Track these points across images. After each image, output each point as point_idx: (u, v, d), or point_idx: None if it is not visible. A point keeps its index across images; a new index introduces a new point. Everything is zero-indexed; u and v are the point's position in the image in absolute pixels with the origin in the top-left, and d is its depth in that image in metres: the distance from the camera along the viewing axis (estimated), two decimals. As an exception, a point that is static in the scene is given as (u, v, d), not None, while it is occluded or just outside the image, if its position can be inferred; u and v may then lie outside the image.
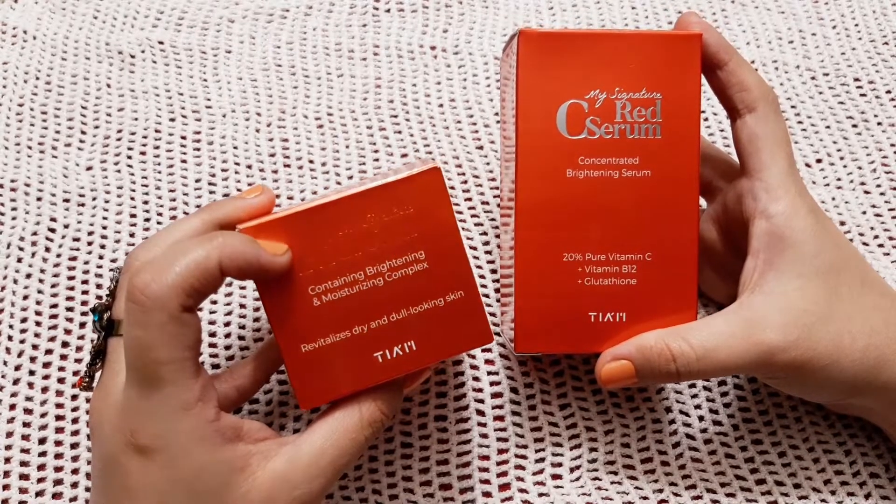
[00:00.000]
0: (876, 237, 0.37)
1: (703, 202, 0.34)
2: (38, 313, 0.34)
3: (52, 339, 0.34)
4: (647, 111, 0.27)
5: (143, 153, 0.39)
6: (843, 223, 0.37)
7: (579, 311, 0.28)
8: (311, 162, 0.38)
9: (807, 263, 0.27)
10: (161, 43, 0.42)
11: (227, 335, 0.34)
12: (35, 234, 0.36)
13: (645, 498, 0.31)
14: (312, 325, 0.25)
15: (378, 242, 0.25)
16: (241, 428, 0.25)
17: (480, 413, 0.33)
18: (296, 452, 0.24)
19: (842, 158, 0.39)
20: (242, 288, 0.35)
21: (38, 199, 0.37)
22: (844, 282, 0.27)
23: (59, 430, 0.32)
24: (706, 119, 0.40)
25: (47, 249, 0.36)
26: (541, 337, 0.28)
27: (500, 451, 0.32)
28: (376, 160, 0.38)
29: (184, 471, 0.23)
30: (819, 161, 0.39)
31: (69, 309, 0.34)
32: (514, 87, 0.28)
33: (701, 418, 0.33)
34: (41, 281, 0.35)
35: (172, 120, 0.40)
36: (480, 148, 0.39)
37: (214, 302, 0.35)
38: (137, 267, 0.24)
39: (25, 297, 0.35)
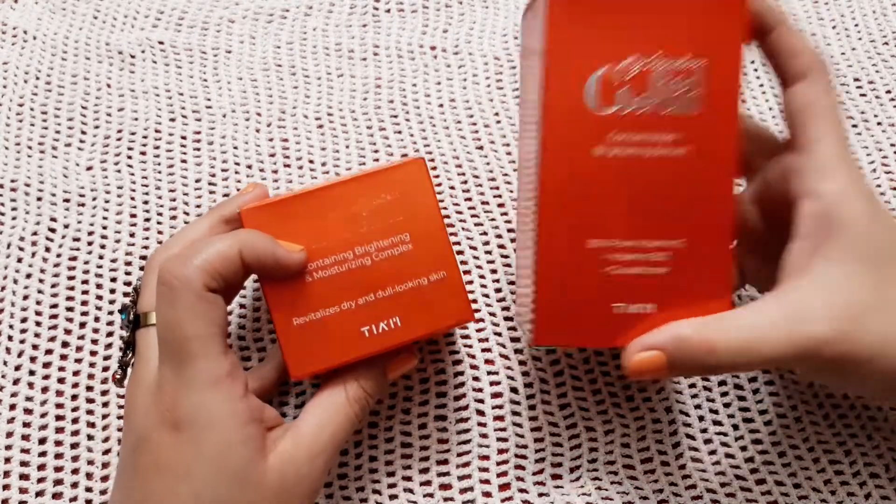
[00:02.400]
0: (876, 237, 0.37)
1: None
2: (38, 313, 0.34)
3: (52, 339, 0.34)
4: (685, 83, 0.25)
5: (143, 153, 0.39)
6: (843, 223, 0.37)
7: (604, 301, 0.26)
8: (311, 162, 0.38)
9: (857, 249, 0.24)
10: (161, 43, 0.42)
11: (227, 335, 0.34)
12: (35, 234, 0.36)
13: (645, 498, 0.31)
14: (305, 300, 0.27)
15: (366, 225, 0.27)
16: (263, 412, 0.26)
17: (480, 413, 0.33)
18: (297, 434, 0.26)
19: (842, 158, 0.39)
20: (243, 288, 0.35)
21: (38, 199, 0.37)
22: None
23: (59, 430, 0.32)
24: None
25: (47, 249, 0.36)
26: (562, 329, 0.26)
27: (500, 451, 0.32)
28: (376, 160, 0.38)
29: (211, 445, 0.24)
30: (819, 161, 0.39)
31: (69, 309, 0.35)
32: (540, 54, 0.25)
33: (701, 418, 0.33)
34: (41, 281, 0.35)
35: (172, 120, 0.40)
36: (480, 148, 0.39)
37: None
38: (166, 258, 0.26)
39: (25, 297, 0.35)
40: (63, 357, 0.34)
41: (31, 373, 0.33)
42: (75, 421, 0.32)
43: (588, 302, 0.26)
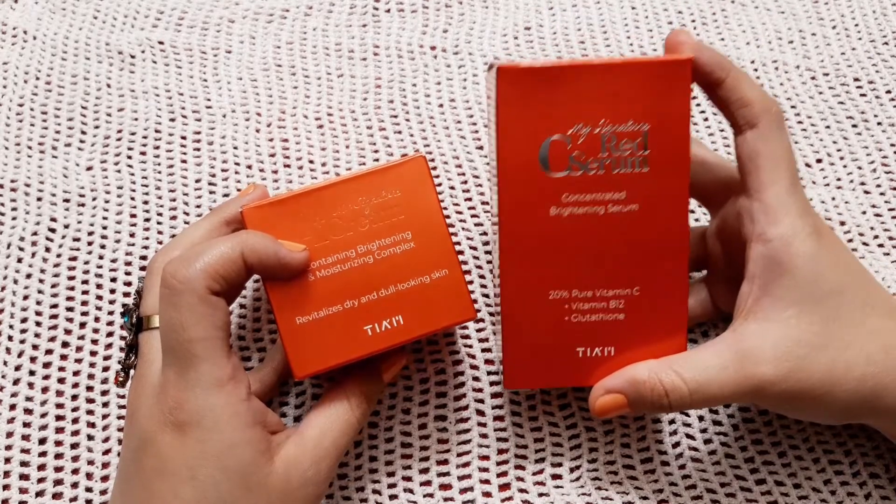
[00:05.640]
0: (876, 237, 0.37)
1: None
2: (38, 313, 0.34)
3: (52, 339, 0.34)
4: (634, 143, 0.26)
5: (143, 153, 0.39)
6: (843, 223, 0.37)
7: (567, 347, 0.28)
8: (311, 162, 0.38)
9: (804, 290, 0.26)
10: (161, 43, 0.42)
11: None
12: (35, 234, 0.36)
13: (645, 498, 0.31)
14: (307, 298, 0.27)
15: (368, 223, 0.27)
16: (266, 415, 0.27)
17: (480, 413, 0.33)
18: (301, 438, 0.26)
19: (842, 158, 0.39)
20: (243, 289, 0.35)
21: (38, 199, 0.37)
22: (844, 306, 0.26)
23: (59, 430, 0.32)
24: (709, 127, 0.40)
25: (47, 249, 0.36)
26: (529, 374, 0.28)
27: (500, 451, 0.32)
28: (376, 160, 0.38)
29: (216, 446, 0.24)
30: (819, 161, 0.39)
31: (69, 309, 0.35)
32: (494, 123, 0.27)
33: (701, 418, 0.33)
34: (41, 281, 0.35)
35: (172, 120, 0.40)
36: (480, 148, 0.39)
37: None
38: (168, 261, 0.26)
39: (25, 297, 0.35)
40: (63, 357, 0.34)
41: (31, 373, 0.33)
42: (75, 421, 0.32)
43: (553, 348, 0.28)
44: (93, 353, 0.34)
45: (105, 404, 0.33)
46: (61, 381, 0.33)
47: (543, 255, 0.27)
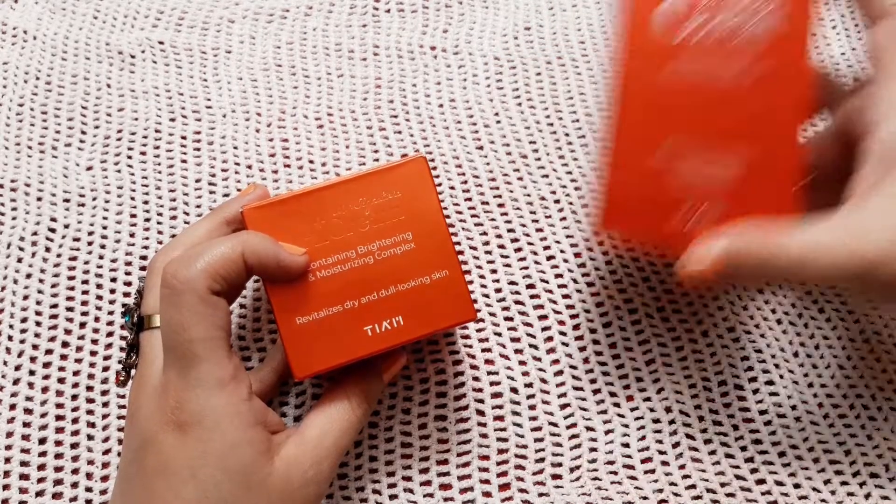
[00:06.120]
0: (876, 237, 0.37)
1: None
2: (38, 313, 0.34)
3: (52, 339, 0.34)
4: (755, 6, 0.27)
5: (143, 153, 0.39)
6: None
7: (671, 198, 0.28)
8: (311, 162, 0.38)
9: None
10: (161, 43, 0.42)
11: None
12: (35, 234, 0.36)
13: (645, 498, 0.31)
14: (307, 299, 0.27)
15: (369, 224, 0.27)
16: (267, 415, 0.27)
17: (480, 413, 0.33)
18: (302, 438, 0.26)
19: (842, 158, 0.39)
20: (243, 289, 0.35)
21: (38, 199, 0.37)
22: None
23: (59, 430, 0.32)
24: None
25: (47, 249, 0.36)
26: (628, 217, 0.28)
27: (500, 451, 0.32)
28: (376, 160, 0.38)
29: (217, 445, 0.24)
30: (819, 161, 0.39)
31: (69, 309, 0.35)
32: None
33: (701, 418, 0.33)
34: (41, 281, 0.35)
35: (172, 120, 0.40)
36: (480, 148, 0.39)
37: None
38: (169, 261, 0.26)
39: (25, 297, 0.35)
40: (63, 357, 0.34)
41: (31, 373, 0.33)
42: (75, 421, 0.32)
43: (657, 196, 0.28)
44: (93, 353, 0.34)
45: (105, 404, 0.33)
46: (61, 381, 0.33)
47: (661, 108, 0.28)
